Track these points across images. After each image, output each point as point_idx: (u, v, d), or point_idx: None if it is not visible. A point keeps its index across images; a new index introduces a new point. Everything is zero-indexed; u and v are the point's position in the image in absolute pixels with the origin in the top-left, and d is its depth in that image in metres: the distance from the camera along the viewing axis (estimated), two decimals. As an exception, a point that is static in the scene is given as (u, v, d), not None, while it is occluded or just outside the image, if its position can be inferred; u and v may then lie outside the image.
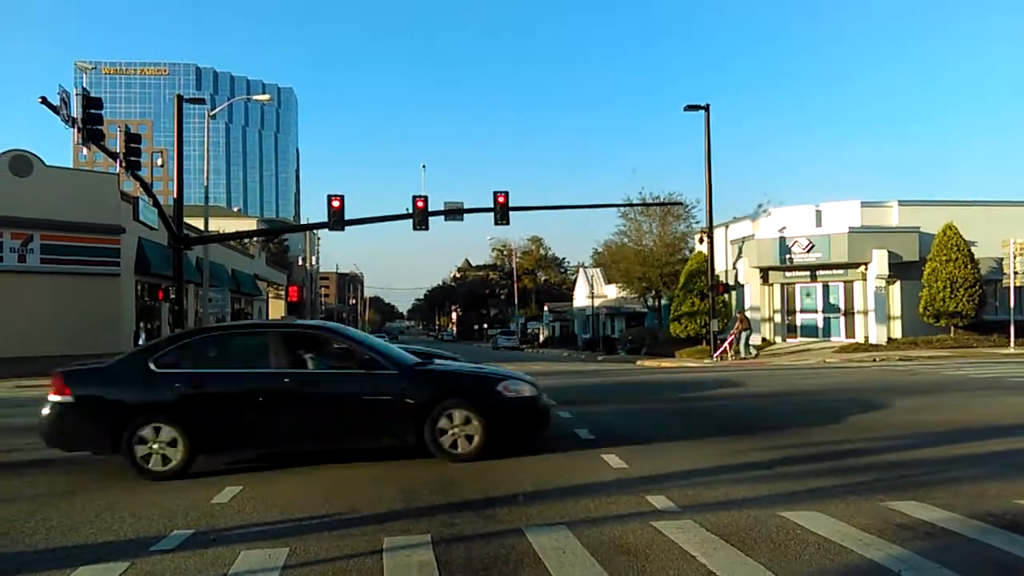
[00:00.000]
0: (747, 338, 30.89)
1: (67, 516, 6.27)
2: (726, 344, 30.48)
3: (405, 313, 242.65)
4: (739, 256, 35.62)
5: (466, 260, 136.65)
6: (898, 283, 32.31)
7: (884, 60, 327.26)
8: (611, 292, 60.64)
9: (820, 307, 34.02)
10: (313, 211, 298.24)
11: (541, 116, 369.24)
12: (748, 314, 34.93)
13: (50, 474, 8.18)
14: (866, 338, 31.99)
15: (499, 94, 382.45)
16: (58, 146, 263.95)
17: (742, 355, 29.86)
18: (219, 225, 54.69)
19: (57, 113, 21.84)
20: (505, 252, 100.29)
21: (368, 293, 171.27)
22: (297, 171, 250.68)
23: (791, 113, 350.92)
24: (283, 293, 69.74)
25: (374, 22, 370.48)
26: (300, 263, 77.91)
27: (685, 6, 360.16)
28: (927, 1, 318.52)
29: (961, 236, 30.40)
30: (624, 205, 43.76)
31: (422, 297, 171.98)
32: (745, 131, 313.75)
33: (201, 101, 35.76)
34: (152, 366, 8.11)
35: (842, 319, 33.51)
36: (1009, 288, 29.14)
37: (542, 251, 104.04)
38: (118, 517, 6.20)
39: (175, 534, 5.63)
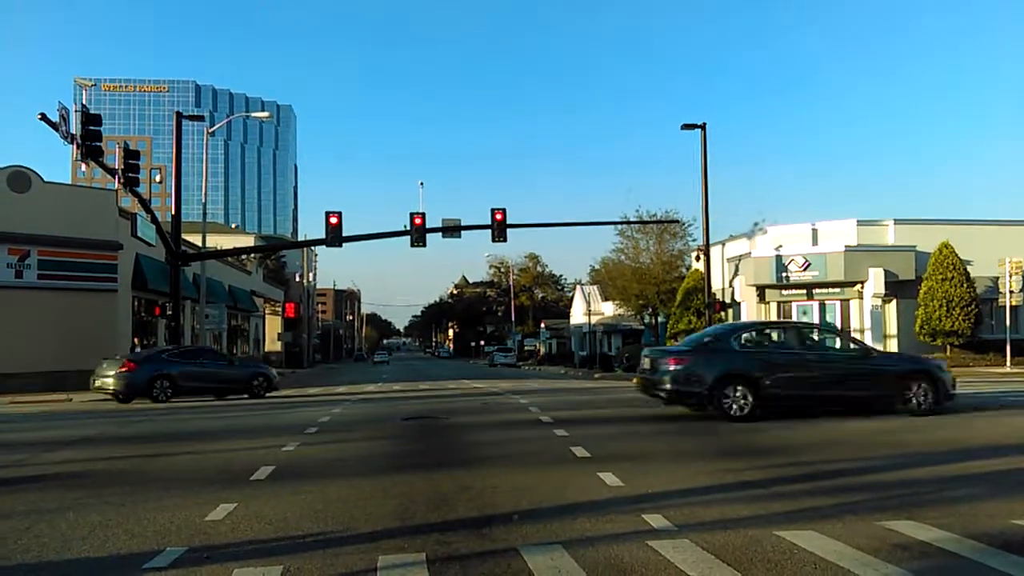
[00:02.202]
0: None
1: (61, 533, 6.23)
2: None
3: (402, 330, 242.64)
4: (736, 274, 35.70)
5: (463, 277, 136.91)
6: (894, 302, 32.40)
7: (880, 76, 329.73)
8: (608, 309, 60.64)
9: (817, 325, 34.08)
10: (311, 227, 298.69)
11: (539, 134, 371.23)
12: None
13: (44, 490, 8.15)
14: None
15: (497, 112, 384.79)
16: (57, 162, 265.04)
17: None
18: (217, 241, 54.71)
19: (56, 129, 21.94)
20: (502, 269, 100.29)
21: (365, 310, 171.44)
22: (295, 187, 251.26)
23: (787, 130, 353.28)
24: (280, 309, 69.70)
25: (373, 39, 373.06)
26: (297, 279, 77.94)
27: (682, 25, 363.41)
28: (924, 19, 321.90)
29: (957, 255, 30.53)
30: (621, 223, 43.90)
31: (419, 314, 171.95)
32: (742, 147, 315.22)
33: (200, 118, 35.99)
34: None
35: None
36: (1005, 307, 29.24)
37: (539, 268, 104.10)
38: (112, 534, 6.17)
39: (168, 551, 5.60)
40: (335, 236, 29.57)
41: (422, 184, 36.59)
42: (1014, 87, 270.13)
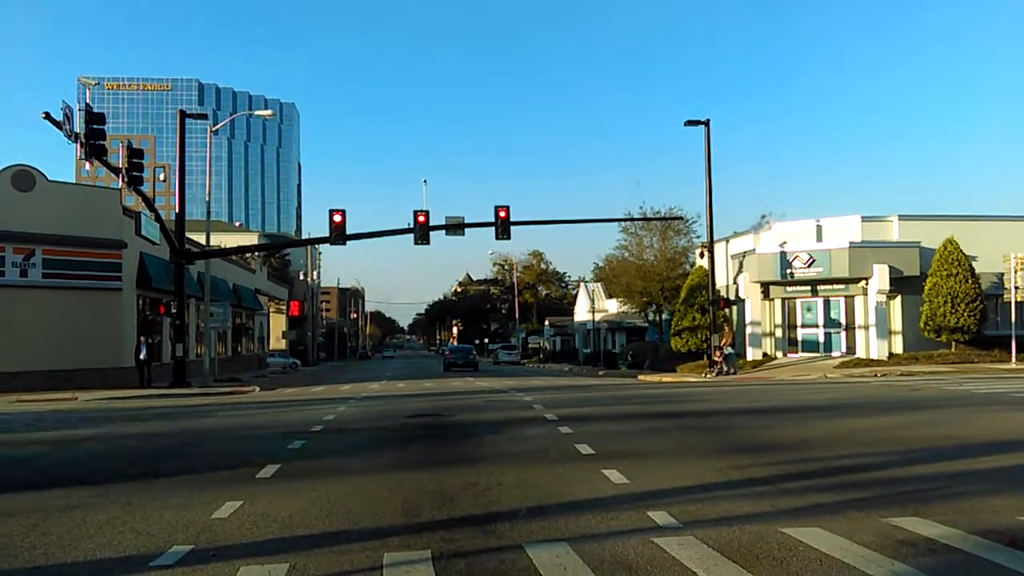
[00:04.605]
0: (733, 352, 31.00)
1: (67, 531, 6.25)
2: (722, 359, 30.22)
3: (406, 328, 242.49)
4: (740, 271, 35.65)
5: (467, 275, 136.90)
6: (899, 298, 32.32)
7: (883, 71, 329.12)
8: (612, 306, 60.63)
9: (821, 322, 34.02)
10: (315, 225, 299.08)
11: (543, 131, 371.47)
12: (749, 329, 34.96)
13: (51, 489, 8.17)
14: (865, 353, 31.95)
15: (501, 109, 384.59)
16: (61, 161, 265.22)
17: (726, 370, 29.69)
18: (221, 240, 54.81)
19: (60, 128, 21.99)
20: (506, 267, 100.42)
21: (369, 308, 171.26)
22: (299, 185, 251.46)
23: (790, 125, 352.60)
24: (284, 308, 69.72)
25: (376, 37, 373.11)
26: (301, 278, 78.02)
27: (684, 18, 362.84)
28: (926, 12, 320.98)
29: (962, 251, 30.44)
30: (625, 220, 43.95)
31: (423, 312, 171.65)
32: (746, 143, 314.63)
33: (203, 116, 35.90)
34: None
35: (843, 334, 33.50)
36: (1010, 303, 29.15)
37: (543, 265, 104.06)
38: (118, 532, 6.18)
39: (175, 550, 5.61)
40: (339, 234, 29.56)
41: (425, 182, 36.95)
42: (1019, 81, 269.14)
